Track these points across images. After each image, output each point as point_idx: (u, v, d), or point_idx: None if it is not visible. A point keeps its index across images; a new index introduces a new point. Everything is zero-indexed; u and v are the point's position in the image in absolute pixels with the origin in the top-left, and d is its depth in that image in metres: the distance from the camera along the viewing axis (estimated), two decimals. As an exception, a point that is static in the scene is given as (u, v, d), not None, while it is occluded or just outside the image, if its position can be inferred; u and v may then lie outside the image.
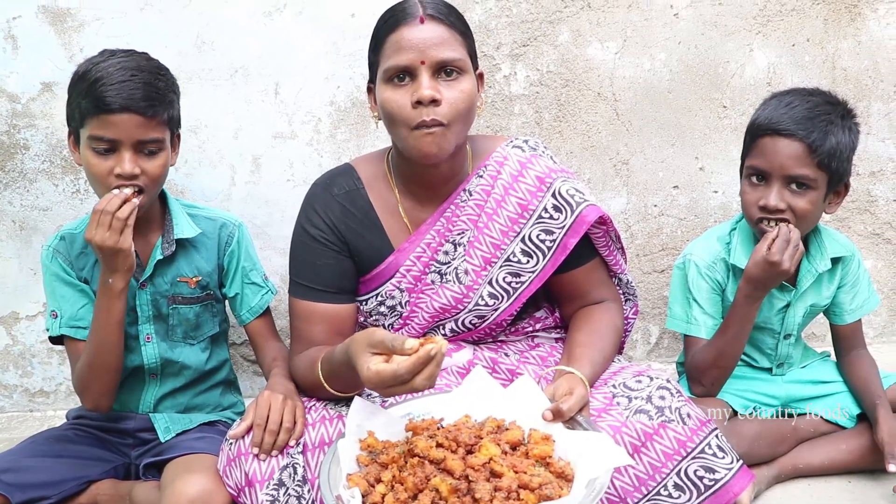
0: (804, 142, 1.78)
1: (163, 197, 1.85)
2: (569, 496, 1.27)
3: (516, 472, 1.31)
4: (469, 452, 1.36)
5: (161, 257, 1.81)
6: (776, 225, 1.81)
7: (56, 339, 1.84)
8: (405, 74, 1.55)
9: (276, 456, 1.55)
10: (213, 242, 1.90)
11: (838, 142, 1.79)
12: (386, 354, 1.33)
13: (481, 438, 1.38)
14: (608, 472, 1.30)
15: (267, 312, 1.97)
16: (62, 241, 1.83)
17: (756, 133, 1.86)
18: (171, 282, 1.85)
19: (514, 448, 1.39)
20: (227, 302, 1.99)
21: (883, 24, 2.43)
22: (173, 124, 1.76)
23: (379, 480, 1.34)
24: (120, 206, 1.60)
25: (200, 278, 1.87)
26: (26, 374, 2.47)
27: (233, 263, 1.92)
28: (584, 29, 2.35)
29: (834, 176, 1.81)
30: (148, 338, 1.85)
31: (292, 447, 1.56)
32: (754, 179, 1.86)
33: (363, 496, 1.31)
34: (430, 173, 1.69)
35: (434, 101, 1.53)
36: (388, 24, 1.57)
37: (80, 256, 1.82)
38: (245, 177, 2.36)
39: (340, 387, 1.56)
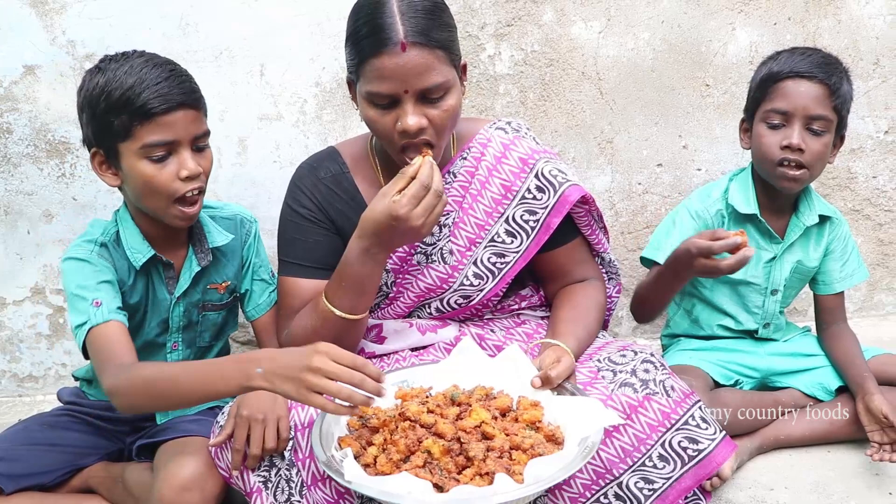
0: (826, 83, 1.87)
1: None
2: (561, 452, 1.31)
3: (507, 436, 1.35)
4: (459, 419, 1.40)
5: (199, 269, 1.75)
6: (797, 167, 1.88)
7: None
8: (386, 98, 1.53)
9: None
10: (236, 243, 1.83)
11: (847, 89, 1.91)
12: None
13: (470, 405, 1.41)
14: (599, 431, 1.34)
15: (274, 310, 1.89)
16: (104, 248, 1.70)
17: (776, 78, 1.93)
18: (203, 290, 1.79)
19: (503, 414, 1.43)
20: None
21: (862, 3, 2.45)
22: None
23: (370, 443, 1.37)
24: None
25: (229, 283, 1.83)
26: (14, 360, 2.47)
27: (248, 259, 1.87)
28: (567, 8, 2.36)
29: (841, 122, 1.92)
30: (174, 346, 1.81)
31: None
32: (774, 122, 1.92)
33: (355, 457, 1.33)
34: None
35: (420, 129, 1.54)
36: (368, 45, 1.50)
37: (119, 266, 1.71)
38: (231, 158, 2.36)
39: (349, 295, 1.56)
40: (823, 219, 2.04)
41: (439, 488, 1.27)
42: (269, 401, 1.57)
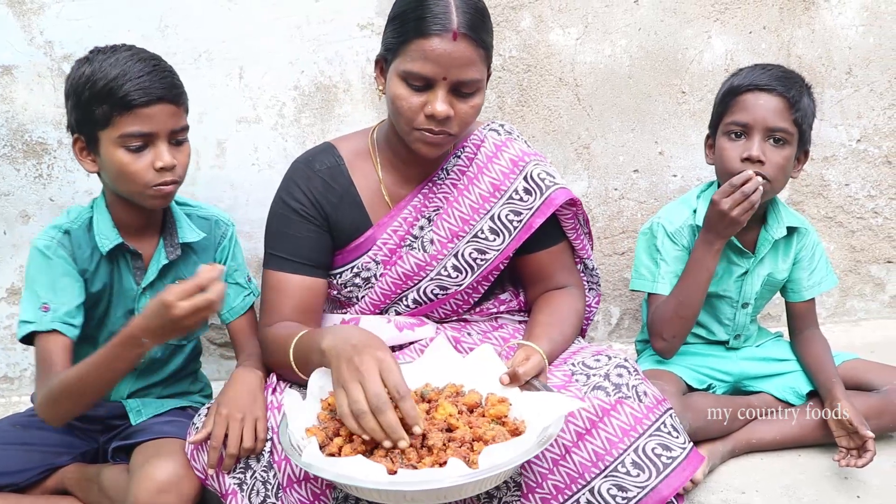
0: (784, 96, 1.91)
1: None
2: (518, 439, 1.33)
3: (471, 428, 1.37)
4: (427, 414, 1.42)
5: (167, 262, 1.78)
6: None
7: (26, 339, 1.69)
8: (423, 80, 1.57)
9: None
10: (208, 242, 1.87)
11: (807, 104, 1.94)
12: None
13: (438, 401, 1.43)
14: (560, 419, 1.36)
15: (250, 313, 1.93)
16: (66, 235, 1.73)
17: (737, 92, 1.96)
18: (171, 284, 1.81)
19: (471, 410, 1.45)
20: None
21: (835, 14, 2.49)
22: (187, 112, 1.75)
23: (337, 434, 1.38)
24: (220, 294, 1.44)
25: None
26: (16, 373, 2.45)
27: (222, 262, 1.89)
28: (545, 15, 2.38)
29: (802, 136, 1.95)
30: None
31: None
32: (734, 136, 1.95)
33: (321, 447, 1.35)
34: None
35: (447, 118, 1.58)
36: (420, 25, 1.55)
37: (82, 253, 1.74)
38: (210, 161, 2.35)
39: (306, 372, 1.55)
40: (791, 230, 2.07)
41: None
42: (249, 401, 1.60)
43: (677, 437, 1.54)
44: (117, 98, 1.58)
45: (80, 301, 1.71)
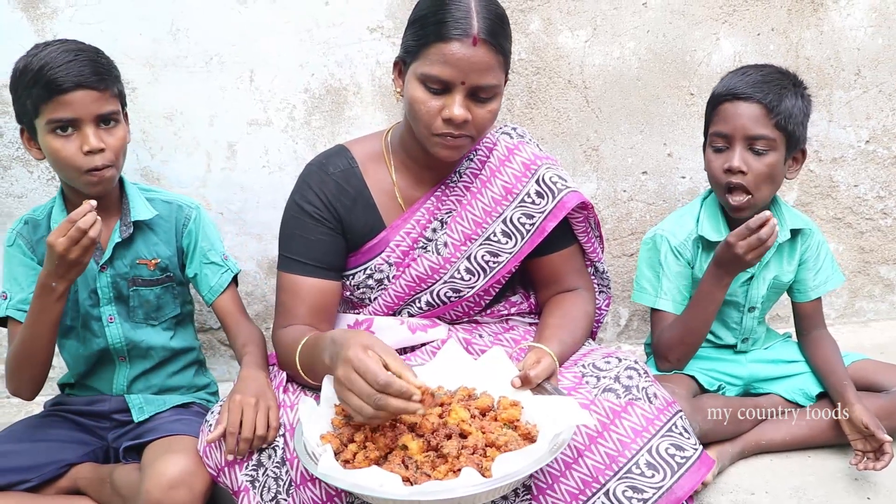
0: (761, 103, 1.88)
1: (120, 181, 1.88)
2: (531, 447, 1.33)
3: (484, 434, 1.38)
4: (440, 418, 1.43)
5: (119, 240, 1.84)
6: (742, 192, 1.91)
7: (0, 322, 1.86)
8: (441, 84, 1.58)
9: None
10: (170, 225, 1.92)
11: (793, 105, 1.90)
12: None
13: (451, 405, 1.44)
14: (571, 428, 1.36)
15: (231, 292, 1.97)
16: (26, 225, 1.87)
17: (716, 102, 1.96)
18: (131, 264, 1.87)
19: (483, 414, 1.46)
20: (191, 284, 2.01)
21: (844, 15, 2.49)
22: (122, 99, 1.81)
23: (351, 440, 1.40)
24: (93, 223, 1.56)
25: (159, 261, 1.89)
26: (3, 361, 2.47)
27: (191, 245, 1.94)
28: (554, 17, 2.39)
29: (791, 139, 1.91)
30: (111, 319, 1.87)
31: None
32: (718, 146, 1.95)
33: (336, 454, 1.36)
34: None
35: (465, 122, 1.59)
36: (440, 29, 1.56)
37: (40, 241, 1.83)
38: (221, 163, 2.37)
39: (314, 377, 1.59)
40: (795, 231, 2.06)
41: (411, 484, 1.30)
42: (260, 389, 1.66)
43: (689, 438, 1.54)
44: (41, 87, 1.66)
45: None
